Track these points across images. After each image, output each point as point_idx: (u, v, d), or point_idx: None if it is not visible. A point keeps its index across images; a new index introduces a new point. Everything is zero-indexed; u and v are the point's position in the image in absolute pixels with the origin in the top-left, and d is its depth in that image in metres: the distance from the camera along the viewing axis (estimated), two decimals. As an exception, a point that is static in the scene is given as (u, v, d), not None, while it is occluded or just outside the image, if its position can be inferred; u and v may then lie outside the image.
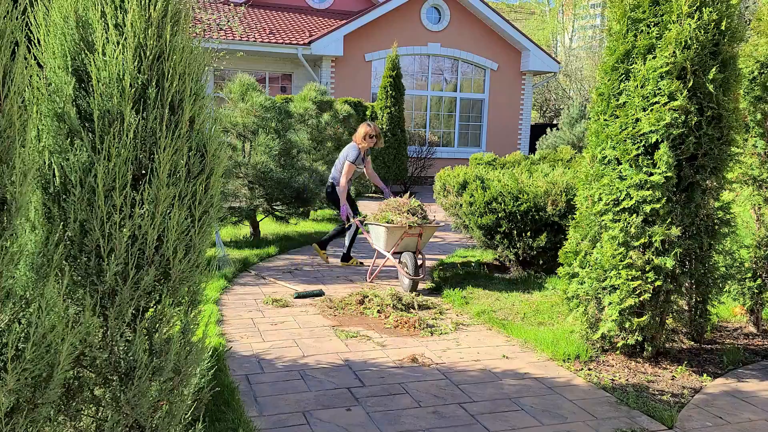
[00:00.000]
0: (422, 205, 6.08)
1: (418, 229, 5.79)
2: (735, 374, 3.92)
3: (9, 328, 1.54)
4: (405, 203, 6.02)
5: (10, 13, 1.48)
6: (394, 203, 6.07)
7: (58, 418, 1.87)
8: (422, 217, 5.95)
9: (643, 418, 3.27)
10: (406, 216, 5.86)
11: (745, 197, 4.59)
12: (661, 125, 3.68)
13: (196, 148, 2.05)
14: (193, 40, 2.08)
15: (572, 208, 5.65)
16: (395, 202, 6.08)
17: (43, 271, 1.71)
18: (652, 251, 3.80)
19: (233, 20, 15.23)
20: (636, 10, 3.87)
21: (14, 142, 1.50)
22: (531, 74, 17.90)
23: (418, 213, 5.95)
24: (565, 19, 35.28)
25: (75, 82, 1.92)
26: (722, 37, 3.74)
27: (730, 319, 5.01)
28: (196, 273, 2.08)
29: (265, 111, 7.54)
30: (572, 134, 16.61)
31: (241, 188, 7.45)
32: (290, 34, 16.35)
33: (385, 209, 6.05)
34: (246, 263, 6.61)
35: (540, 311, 5.13)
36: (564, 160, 10.80)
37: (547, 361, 4.07)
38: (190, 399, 2.12)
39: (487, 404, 3.38)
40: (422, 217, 5.93)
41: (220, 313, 4.92)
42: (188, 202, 2.02)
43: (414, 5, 16.57)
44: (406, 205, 5.98)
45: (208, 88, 2.61)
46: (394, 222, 5.81)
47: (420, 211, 5.98)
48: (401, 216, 5.88)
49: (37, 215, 1.87)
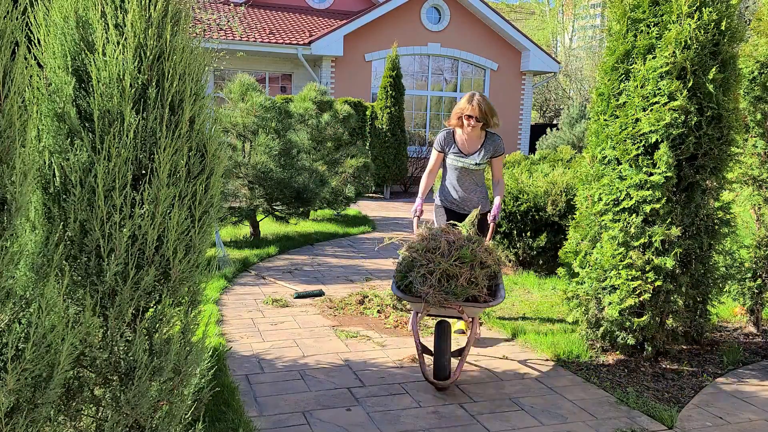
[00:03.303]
0: (479, 241, 3.61)
1: (453, 306, 3.37)
2: (735, 374, 3.92)
3: (9, 328, 1.54)
4: (441, 239, 3.55)
5: (10, 13, 1.48)
6: (429, 234, 3.66)
7: (58, 418, 1.87)
8: (470, 280, 3.39)
9: (643, 418, 3.27)
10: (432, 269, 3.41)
11: (745, 197, 4.59)
12: (661, 125, 3.68)
13: (196, 148, 2.05)
14: (193, 40, 2.08)
15: (572, 208, 5.65)
16: (431, 233, 3.67)
17: (43, 271, 1.71)
18: (652, 251, 3.80)
19: (233, 20, 15.23)
20: (636, 10, 3.87)
21: (14, 142, 1.50)
22: (531, 74, 17.89)
23: (473, 262, 3.45)
24: (565, 19, 35.27)
25: (75, 82, 1.92)
26: (722, 37, 3.73)
27: (730, 319, 5.01)
28: (196, 273, 2.08)
29: (265, 111, 7.54)
30: (572, 134, 16.61)
31: (241, 188, 7.45)
32: (290, 34, 16.34)
33: (413, 244, 3.63)
34: (246, 263, 6.61)
35: (540, 311, 5.13)
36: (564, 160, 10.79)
37: (547, 361, 4.07)
38: (190, 399, 2.12)
39: (487, 404, 3.38)
40: (469, 282, 3.39)
41: (220, 313, 4.92)
42: (188, 203, 2.02)
43: (414, 5, 16.57)
44: (442, 243, 3.51)
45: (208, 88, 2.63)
46: (412, 285, 3.43)
47: (475, 256, 3.46)
48: (424, 270, 3.42)
49: (37, 215, 1.87)
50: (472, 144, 4.28)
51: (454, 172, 4.35)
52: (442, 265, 3.38)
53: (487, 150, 4.25)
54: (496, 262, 3.61)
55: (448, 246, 3.50)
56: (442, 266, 3.38)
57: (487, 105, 4.15)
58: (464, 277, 3.39)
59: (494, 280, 3.62)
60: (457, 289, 3.37)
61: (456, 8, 16.88)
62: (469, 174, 4.31)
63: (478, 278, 3.44)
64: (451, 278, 3.39)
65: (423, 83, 17.35)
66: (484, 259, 3.50)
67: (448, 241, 3.53)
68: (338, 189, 9.48)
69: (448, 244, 3.51)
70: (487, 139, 4.27)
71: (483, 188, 4.40)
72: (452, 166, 4.34)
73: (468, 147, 4.28)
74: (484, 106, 4.12)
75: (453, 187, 4.38)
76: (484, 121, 4.17)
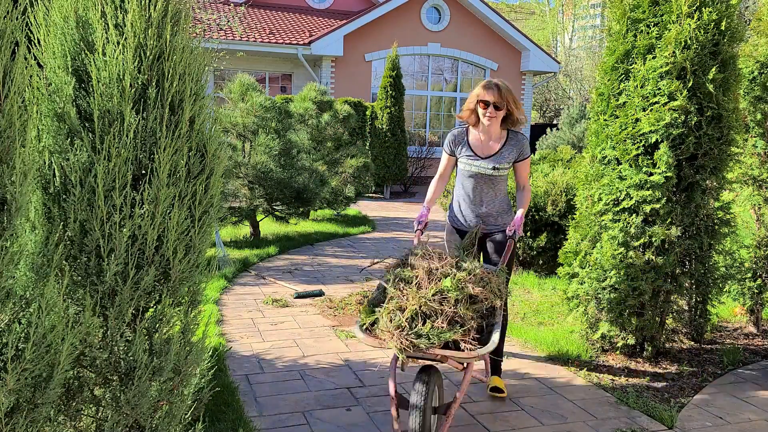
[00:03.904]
0: (471, 269, 2.87)
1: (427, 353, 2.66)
2: (735, 374, 3.92)
3: (9, 328, 1.54)
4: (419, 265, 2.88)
5: (10, 13, 1.48)
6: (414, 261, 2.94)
7: (58, 418, 1.87)
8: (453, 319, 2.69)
9: (643, 418, 3.27)
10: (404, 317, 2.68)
11: (745, 197, 4.59)
12: (661, 125, 3.68)
13: (196, 148, 2.05)
14: (193, 40, 2.08)
15: (572, 208, 5.65)
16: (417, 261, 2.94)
17: (43, 271, 1.71)
18: (652, 251, 3.80)
19: (233, 20, 15.23)
20: (636, 10, 3.87)
21: (14, 142, 1.50)
22: (531, 74, 17.90)
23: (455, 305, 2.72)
24: (565, 19, 35.27)
25: (75, 82, 1.92)
26: (722, 37, 3.74)
27: (730, 319, 5.01)
28: (196, 273, 2.08)
29: (265, 111, 7.54)
30: (572, 134, 16.61)
31: (241, 188, 7.45)
32: (290, 34, 16.34)
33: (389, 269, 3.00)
34: (246, 263, 6.61)
35: (540, 311, 5.13)
36: (564, 160, 10.79)
37: (547, 361, 4.07)
38: (190, 399, 2.12)
39: (487, 404, 3.38)
40: (451, 322, 2.68)
41: (220, 313, 4.92)
42: (188, 202, 2.02)
43: (414, 5, 16.57)
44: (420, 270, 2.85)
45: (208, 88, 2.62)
46: (378, 323, 2.75)
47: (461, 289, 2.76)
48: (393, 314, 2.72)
49: (37, 215, 1.87)
50: (489, 144, 3.44)
51: (468, 181, 3.49)
52: (415, 300, 2.68)
53: (509, 152, 3.43)
54: (496, 295, 2.85)
55: (427, 275, 2.81)
56: (416, 301, 2.68)
57: (509, 91, 3.34)
58: (445, 316, 2.66)
59: (490, 319, 2.88)
60: (433, 331, 2.61)
61: (456, 8, 16.89)
62: (487, 182, 3.47)
63: (465, 317, 2.69)
64: (428, 317, 2.67)
65: (423, 83, 17.35)
66: (476, 293, 2.76)
67: (428, 269, 2.83)
68: (338, 189, 9.48)
69: (428, 273, 2.82)
70: (510, 139, 3.44)
71: (505, 200, 3.55)
72: (465, 172, 3.50)
73: (484, 148, 3.44)
74: (504, 91, 3.32)
75: (467, 199, 3.53)
76: (506, 112, 3.36)
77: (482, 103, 3.34)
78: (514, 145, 3.44)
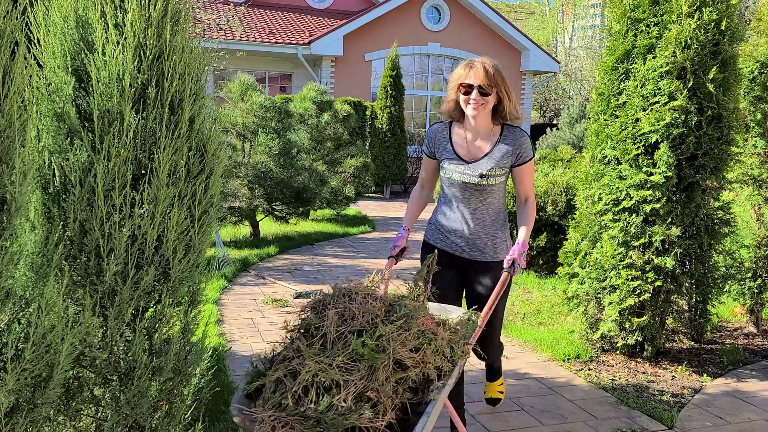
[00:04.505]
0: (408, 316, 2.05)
1: None
2: (735, 374, 3.92)
3: (9, 328, 1.54)
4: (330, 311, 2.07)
5: (9, 13, 1.48)
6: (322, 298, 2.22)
7: (57, 418, 1.87)
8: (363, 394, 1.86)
9: (643, 418, 3.27)
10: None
11: (745, 197, 4.59)
12: (661, 125, 3.68)
13: (195, 148, 2.05)
14: (193, 39, 2.08)
15: (572, 208, 5.65)
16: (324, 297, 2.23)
17: (42, 271, 1.71)
18: (652, 251, 3.79)
19: (233, 20, 15.23)
20: (636, 9, 3.87)
21: (14, 142, 1.50)
22: (531, 74, 17.89)
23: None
24: (565, 18, 35.28)
25: (75, 82, 1.91)
26: (722, 36, 3.73)
27: (730, 319, 5.01)
28: (195, 273, 2.08)
29: (264, 111, 7.54)
30: (572, 134, 16.62)
31: (241, 188, 7.45)
32: (290, 34, 16.34)
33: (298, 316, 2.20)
34: (246, 263, 6.61)
35: (540, 311, 5.13)
36: (564, 159, 10.80)
37: (547, 361, 4.07)
38: (190, 399, 2.12)
39: (487, 404, 3.38)
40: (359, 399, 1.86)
41: (220, 313, 4.92)
42: (188, 202, 2.02)
43: (414, 5, 16.57)
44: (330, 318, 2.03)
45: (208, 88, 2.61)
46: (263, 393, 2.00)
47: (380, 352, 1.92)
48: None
49: (36, 215, 1.87)
50: (477, 143, 2.65)
51: (451, 191, 2.71)
52: (313, 366, 1.87)
53: (503, 153, 2.62)
54: (443, 357, 2.03)
55: (337, 326, 1.99)
56: (314, 367, 1.87)
57: (499, 73, 2.56)
58: (353, 389, 1.84)
59: (420, 395, 1.97)
60: (329, 414, 1.79)
61: (456, 8, 16.88)
62: (474, 193, 2.65)
63: (381, 392, 1.86)
64: (328, 390, 1.86)
65: (423, 83, 17.35)
66: (403, 357, 1.92)
67: (341, 315, 2.02)
68: (338, 189, 9.48)
69: (339, 324, 1.99)
70: (505, 136, 2.64)
71: (499, 217, 2.72)
72: (447, 180, 2.70)
73: (470, 148, 2.65)
74: (492, 71, 2.53)
75: (449, 214, 2.74)
76: (496, 100, 2.57)
77: (464, 88, 2.55)
78: (510, 143, 2.62)
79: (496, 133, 2.66)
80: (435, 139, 2.75)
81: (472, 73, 2.53)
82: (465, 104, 2.58)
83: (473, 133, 2.67)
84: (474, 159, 2.65)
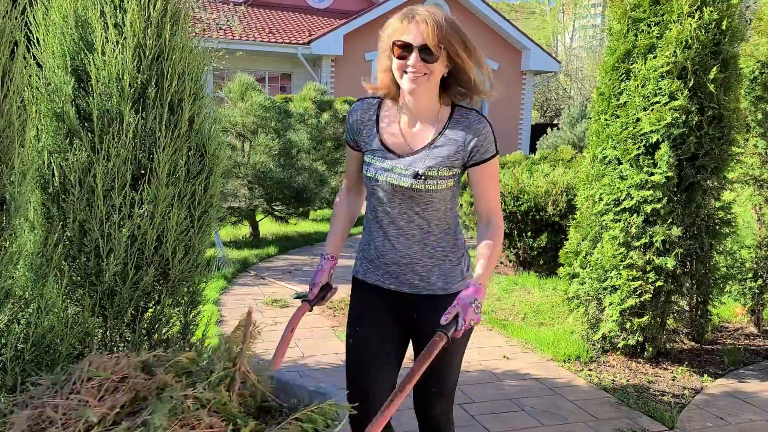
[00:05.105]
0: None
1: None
2: (736, 375, 3.91)
3: (8, 328, 1.53)
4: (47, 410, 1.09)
5: (9, 13, 1.48)
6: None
7: (57, 418, 1.86)
8: None
9: (644, 418, 3.26)
10: None
11: (746, 197, 4.58)
12: (662, 125, 3.67)
13: (195, 147, 2.05)
14: (193, 39, 2.07)
15: (573, 208, 5.64)
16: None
17: (42, 272, 1.70)
18: (653, 251, 3.79)
19: (233, 20, 15.23)
20: (636, 9, 3.86)
21: (13, 142, 1.50)
22: (531, 74, 17.89)
23: None
24: (565, 18, 35.29)
25: (74, 82, 1.91)
26: (723, 36, 3.73)
27: (731, 319, 5.01)
28: (195, 273, 2.07)
29: (264, 111, 7.54)
30: (573, 134, 16.61)
31: (241, 188, 7.44)
32: (290, 33, 16.34)
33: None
34: (245, 263, 6.60)
35: (540, 311, 5.12)
36: (564, 159, 10.80)
37: (548, 361, 4.07)
38: (190, 400, 2.11)
39: (488, 405, 3.38)
40: None
41: (220, 313, 4.91)
42: (187, 202, 2.01)
43: (414, 5, 16.56)
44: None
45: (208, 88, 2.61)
46: None
47: None
48: None
49: (36, 215, 1.87)
50: (414, 130, 1.86)
51: (377, 199, 1.89)
52: None
53: (452, 145, 1.82)
54: None
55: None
56: None
57: (453, 27, 1.81)
58: None
59: None
60: None
61: (456, 8, 16.88)
62: (408, 201, 1.84)
63: None
64: None
65: (423, 83, 17.33)
66: None
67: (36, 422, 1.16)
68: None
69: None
70: (456, 121, 1.83)
71: (447, 237, 1.90)
72: (371, 182, 1.88)
73: (405, 137, 1.86)
74: (445, 26, 1.77)
75: (376, 232, 1.94)
76: (447, 65, 1.79)
77: (398, 49, 1.76)
78: (463, 130, 1.81)
79: (443, 116, 1.83)
80: (358, 122, 1.93)
81: (413, 26, 1.75)
82: (399, 73, 1.76)
83: (410, 116, 1.84)
84: (408, 152, 1.83)
